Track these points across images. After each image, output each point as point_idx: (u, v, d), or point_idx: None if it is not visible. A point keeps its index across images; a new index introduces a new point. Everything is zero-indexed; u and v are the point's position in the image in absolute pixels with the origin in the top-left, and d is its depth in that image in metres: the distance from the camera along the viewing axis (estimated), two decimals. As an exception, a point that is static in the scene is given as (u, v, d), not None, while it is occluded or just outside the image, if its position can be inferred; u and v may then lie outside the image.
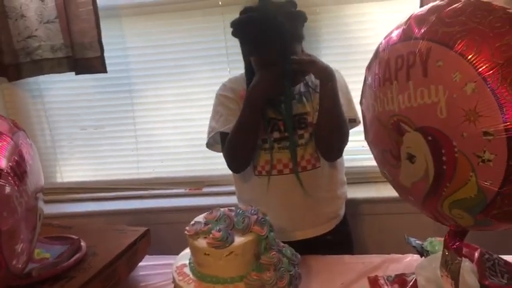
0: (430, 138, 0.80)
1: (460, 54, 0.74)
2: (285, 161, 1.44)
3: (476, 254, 1.14)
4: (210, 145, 1.54)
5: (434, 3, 0.86)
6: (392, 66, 0.86)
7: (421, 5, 1.54)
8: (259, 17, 1.38)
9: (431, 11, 0.84)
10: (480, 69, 0.72)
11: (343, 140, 1.43)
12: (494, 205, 0.76)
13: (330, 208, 1.53)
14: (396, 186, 0.99)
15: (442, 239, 0.98)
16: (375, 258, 1.36)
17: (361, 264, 1.34)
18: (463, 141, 0.75)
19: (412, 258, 1.33)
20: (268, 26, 1.34)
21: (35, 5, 1.82)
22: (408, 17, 0.88)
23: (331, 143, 1.43)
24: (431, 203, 0.88)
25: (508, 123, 0.69)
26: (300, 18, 1.42)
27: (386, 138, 0.92)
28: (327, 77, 1.35)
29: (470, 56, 0.73)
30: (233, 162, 1.48)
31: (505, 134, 0.70)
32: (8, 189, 0.94)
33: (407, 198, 0.97)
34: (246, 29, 1.41)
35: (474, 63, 0.72)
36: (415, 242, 1.26)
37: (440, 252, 0.98)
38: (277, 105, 1.43)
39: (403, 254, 1.36)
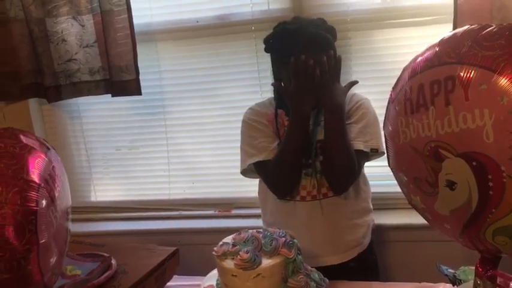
0: (474, 163, 0.78)
1: (505, 78, 0.74)
2: (308, 188, 1.45)
3: (511, 284, 1.10)
4: (245, 172, 1.53)
5: (465, 28, 0.85)
6: (427, 91, 0.85)
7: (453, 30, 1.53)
8: (293, 28, 1.42)
9: (464, 35, 0.83)
10: None
11: (348, 172, 1.42)
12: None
13: (352, 236, 1.51)
14: (429, 215, 0.96)
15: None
16: (404, 286, 1.33)
17: (390, 291, 1.31)
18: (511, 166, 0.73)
19: (445, 287, 1.29)
20: (303, 36, 1.38)
21: (75, 29, 1.89)
22: (439, 41, 0.88)
23: (335, 173, 1.42)
24: (471, 231, 0.85)
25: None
26: (331, 32, 1.44)
27: (420, 165, 0.89)
28: (333, 110, 1.37)
29: None
30: (281, 187, 1.47)
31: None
32: (44, 202, 0.98)
33: (442, 226, 0.94)
34: (281, 41, 1.44)
35: None
36: (448, 270, 1.22)
37: (472, 281, 0.95)
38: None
39: (434, 282, 1.32)
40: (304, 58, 1.32)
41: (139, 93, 1.91)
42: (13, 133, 1.06)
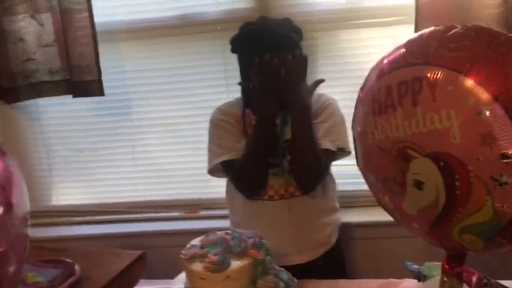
0: (442, 163, 0.79)
1: (471, 79, 0.75)
2: (276, 187, 1.45)
3: (474, 279, 1.13)
4: (212, 171, 1.52)
5: (430, 29, 0.87)
6: (394, 92, 0.85)
7: (416, 31, 1.57)
8: (259, 29, 1.43)
9: (430, 36, 0.84)
10: (494, 93, 0.73)
11: (316, 172, 1.43)
12: (509, 228, 0.76)
13: (319, 235, 1.52)
14: (397, 214, 0.97)
15: (440, 263, 0.97)
16: (371, 283, 1.34)
17: (357, 288, 1.33)
18: (478, 166, 0.75)
19: (410, 283, 1.31)
20: (268, 37, 1.39)
21: (33, 28, 1.84)
22: (405, 42, 0.89)
23: (303, 172, 1.43)
24: (439, 230, 0.86)
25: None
26: (297, 32, 1.46)
27: (389, 165, 0.90)
28: (300, 109, 1.38)
29: (482, 80, 0.74)
30: (248, 187, 1.47)
31: (523, 156, 0.70)
32: (1, 210, 0.93)
33: (410, 225, 0.95)
34: (246, 42, 1.44)
35: (488, 87, 0.73)
36: (412, 266, 1.24)
37: (439, 277, 0.97)
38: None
39: (400, 278, 1.34)
40: (268, 57, 1.32)
41: (102, 94, 1.87)
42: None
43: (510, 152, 0.71)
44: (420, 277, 1.20)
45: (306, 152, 1.39)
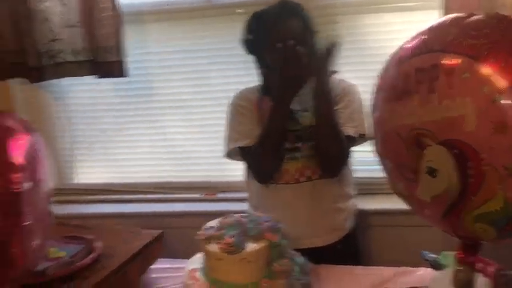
0: (455, 151, 0.79)
1: (488, 67, 0.74)
2: (292, 172, 1.46)
3: (491, 269, 1.12)
4: (229, 155, 1.54)
5: (453, 15, 0.86)
6: (412, 78, 0.85)
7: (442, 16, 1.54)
8: (275, 9, 1.46)
9: (452, 23, 0.84)
10: (511, 81, 0.72)
11: (340, 157, 1.44)
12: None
13: (334, 220, 1.53)
14: (411, 201, 0.97)
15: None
16: (386, 271, 1.35)
17: (372, 275, 1.33)
18: (492, 154, 0.75)
19: (425, 272, 1.31)
20: (285, 13, 1.42)
21: (59, 8, 1.86)
22: (427, 28, 0.88)
23: (328, 158, 1.43)
24: (451, 217, 0.86)
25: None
26: (310, 18, 1.47)
27: (403, 152, 0.90)
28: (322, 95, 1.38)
29: (499, 68, 0.73)
30: (262, 173, 1.49)
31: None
32: (28, 185, 0.97)
33: (423, 212, 0.96)
34: (263, 19, 1.47)
35: (504, 75, 0.73)
36: (429, 255, 1.24)
37: (452, 267, 0.97)
38: (291, 115, 1.44)
39: (415, 267, 1.35)
40: (292, 44, 1.32)
41: (125, 75, 1.88)
42: (-5, 115, 1.04)
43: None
44: (437, 266, 1.20)
45: (331, 138, 1.39)
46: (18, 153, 0.97)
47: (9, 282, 1.00)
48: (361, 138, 1.46)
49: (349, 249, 1.56)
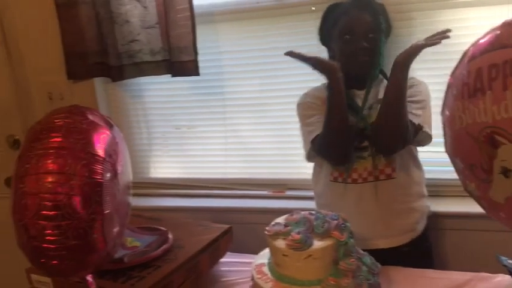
0: None
1: None
2: (360, 171, 1.44)
3: None
4: (310, 157, 1.54)
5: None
6: (485, 75, 0.82)
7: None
8: (350, 1, 1.51)
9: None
10: None
11: (399, 134, 1.37)
12: None
13: (405, 220, 1.49)
14: (484, 202, 0.93)
15: (536, 259, 0.92)
16: (461, 275, 1.30)
17: (445, 280, 1.29)
18: None
19: (504, 279, 1.25)
20: (358, 5, 1.46)
21: (138, 11, 1.95)
22: (501, 24, 0.84)
23: (387, 131, 1.38)
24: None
25: None
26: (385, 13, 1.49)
27: (476, 151, 0.87)
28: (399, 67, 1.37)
29: None
30: (334, 153, 1.46)
31: None
32: (109, 175, 1.03)
33: (496, 214, 0.91)
34: (336, 9, 1.51)
35: None
36: (507, 261, 1.18)
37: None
38: (359, 113, 1.43)
39: (490, 273, 1.28)
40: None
41: (197, 74, 1.94)
42: (80, 110, 1.12)
43: None
44: (515, 273, 1.15)
45: (394, 111, 1.36)
46: (100, 146, 1.04)
47: (91, 266, 1.07)
48: (424, 133, 1.42)
49: (420, 252, 1.52)
